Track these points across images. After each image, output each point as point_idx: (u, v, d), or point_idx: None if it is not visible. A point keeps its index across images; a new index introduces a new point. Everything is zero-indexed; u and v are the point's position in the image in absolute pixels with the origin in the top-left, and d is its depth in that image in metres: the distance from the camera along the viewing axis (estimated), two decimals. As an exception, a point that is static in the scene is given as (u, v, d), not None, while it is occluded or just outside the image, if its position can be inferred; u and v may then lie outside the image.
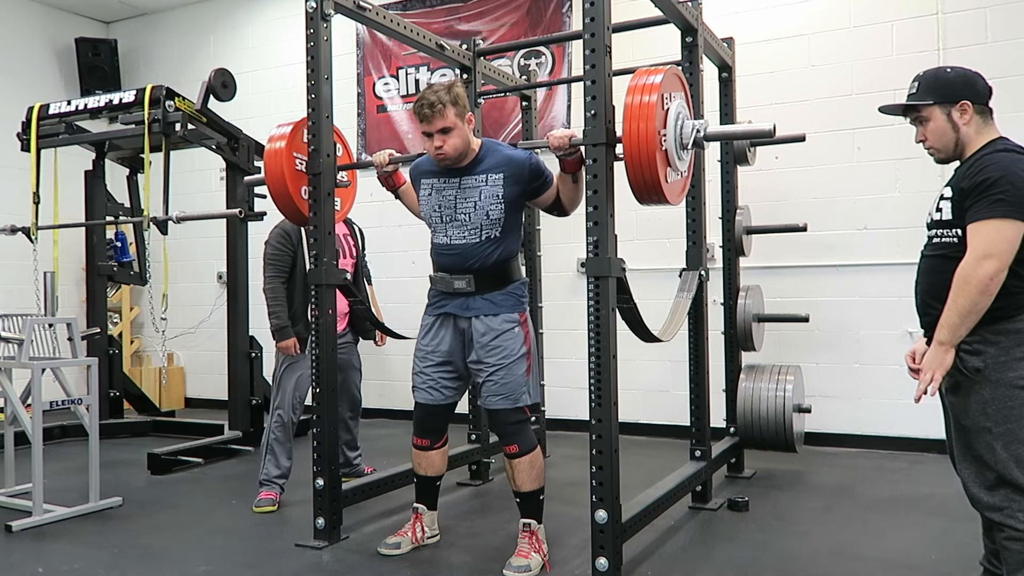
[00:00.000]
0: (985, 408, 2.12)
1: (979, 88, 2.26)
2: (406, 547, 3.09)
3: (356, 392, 4.12)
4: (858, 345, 4.89)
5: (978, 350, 2.14)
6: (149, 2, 7.39)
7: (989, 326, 2.12)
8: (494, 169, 2.91)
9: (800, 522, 3.42)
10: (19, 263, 6.15)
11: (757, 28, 5.13)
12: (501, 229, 2.91)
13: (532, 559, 2.85)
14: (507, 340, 2.91)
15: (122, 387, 5.96)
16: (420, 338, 3.11)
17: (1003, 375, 2.10)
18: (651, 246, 5.28)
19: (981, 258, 2.05)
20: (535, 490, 2.94)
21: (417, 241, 6.12)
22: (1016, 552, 2.10)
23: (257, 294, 5.53)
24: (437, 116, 2.81)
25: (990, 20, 4.61)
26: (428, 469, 3.12)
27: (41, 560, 3.06)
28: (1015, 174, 2.08)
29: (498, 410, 2.92)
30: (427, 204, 3.04)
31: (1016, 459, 2.09)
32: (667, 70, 2.66)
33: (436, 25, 6.08)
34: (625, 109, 2.57)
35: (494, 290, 2.94)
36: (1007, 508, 2.11)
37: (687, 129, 2.72)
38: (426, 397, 3.06)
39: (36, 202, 5.28)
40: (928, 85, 2.28)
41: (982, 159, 2.17)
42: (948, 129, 2.26)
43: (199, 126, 4.98)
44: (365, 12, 3.42)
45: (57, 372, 3.75)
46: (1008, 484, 2.10)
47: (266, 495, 3.78)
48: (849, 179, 4.91)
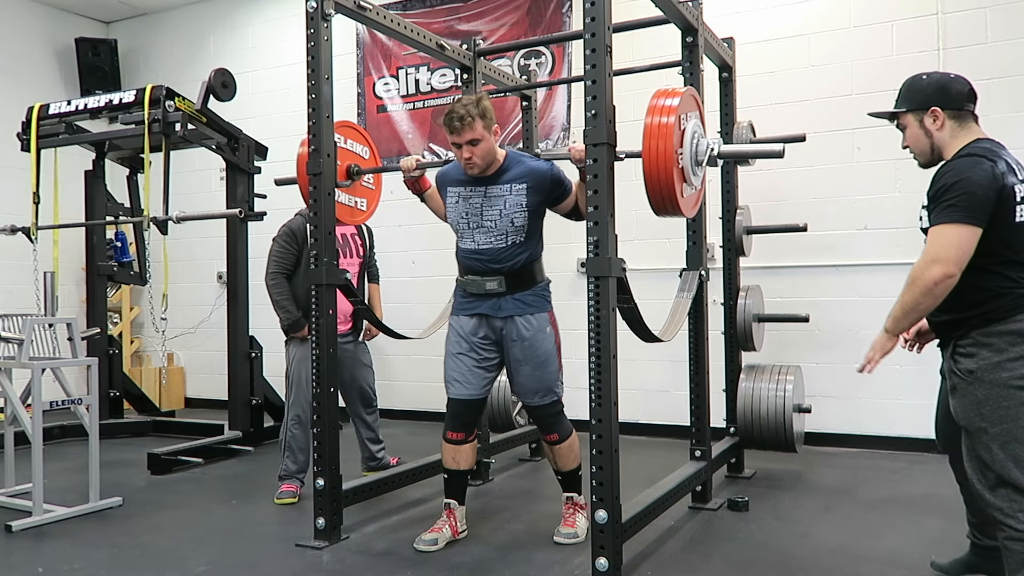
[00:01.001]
0: (980, 409, 2.15)
1: (951, 94, 2.30)
2: (443, 543, 3.14)
3: (367, 388, 4.17)
4: (858, 345, 4.88)
5: (971, 352, 2.17)
6: (149, 2, 7.39)
7: (981, 328, 2.16)
8: (518, 179, 3.10)
9: (800, 522, 3.42)
10: (19, 263, 6.15)
11: (757, 28, 5.13)
12: (525, 235, 3.11)
13: (579, 527, 3.16)
14: (541, 340, 3.14)
15: (122, 387, 5.95)
16: (451, 337, 3.25)
17: (997, 376, 2.13)
18: (651, 246, 5.28)
19: (929, 262, 2.12)
20: (575, 468, 3.23)
21: (416, 241, 6.12)
22: (1017, 552, 2.11)
23: (257, 294, 5.55)
24: (466, 128, 2.98)
25: (990, 20, 4.61)
26: (461, 463, 3.21)
27: (41, 560, 3.06)
28: (968, 179, 2.12)
29: (537, 406, 3.16)
30: (454, 211, 3.21)
31: (1014, 459, 2.11)
32: (684, 92, 2.78)
33: (436, 25, 6.08)
34: (645, 129, 2.68)
35: (523, 290, 3.14)
36: (1007, 508, 2.12)
37: (702, 147, 2.86)
38: (461, 392, 3.19)
39: (36, 202, 5.28)
40: (904, 93, 2.38)
41: (944, 165, 2.24)
42: (922, 135, 2.33)
43: (199, 126, 4.98)
44: (365, 12, 3.43)
45: (57, 372, 3.75)
46: (1007, 484, 2.12)
47: (287, 487, 3.84)
48: (849, 179, 4.91)
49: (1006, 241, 2.15)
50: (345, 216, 3.55)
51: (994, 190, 2.11)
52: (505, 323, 3.13)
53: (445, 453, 3.21)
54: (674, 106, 2.69)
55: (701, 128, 2.92)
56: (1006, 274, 2.15)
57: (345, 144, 3.56)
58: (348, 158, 3.57)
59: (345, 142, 3.57)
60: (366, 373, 4.16)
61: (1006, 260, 2.15)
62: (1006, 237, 2.15)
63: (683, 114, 2.75)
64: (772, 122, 4.74)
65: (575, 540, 3.09)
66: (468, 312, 3.20)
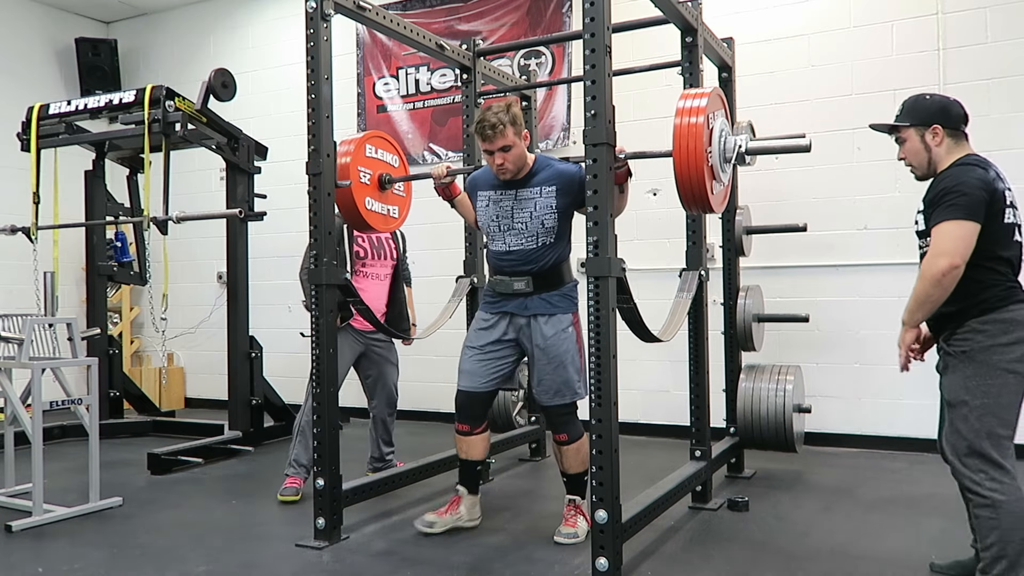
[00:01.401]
0: (966, 383, 2.38)
1: (951, 115, 2.54)
2: (440, 527, 3.27)
3: (393, 389, 4.20)
4: (858, 345, 4.89)
5: (967, 337, 2.40)
6: (149, 2, 7.39)
7: (977, 318, 2.39)
8: (547, 182, 3.19)
9: (800, 522, 3.42)
10: (19, 263, 6.15)
11: (757, 28, 5.13)
12: (555, 236, 3.19)
13: (579, 527, 3.17)
14: (562, 341, 3.19)
15: (122, 387, 5.95)
16: (473, 329, 3.38)
17: (988, 357, 2.36)
18: (651, 246, 5.28)
19: (936, 256, 2.34)
20: (581, 472, 3.24)
21: (416, 241, 6.11)
22: (985, 519, 2.34)
23: (257, 294, 5.57)
24: (498, 136, 3.09)
25: (990, 20, 4.61)
26: (469, 453, 3.34)
27: (41, 560, 3.06)
28: (965, 182, 2.36)
29: (550, 404, 3.22)
30: (485, 215, 3.31)
31: (988, 432, 2.34)
32: (711, 92, 2.83)
33: (436, 25, 6.08)
34: (675, 130, 2.73)
35: (550, 290, 3.21)
36: (977, 477, 2.35)
37: (729, 145, 2.91)
38: (466, 383, 3.31)
39: (36, 202, 5.28)
40: (908, 109, 2.59)
41: (942, 173, 2.48)
42: (921, 149, 2.55)
43: (199, 126, 4.98)
44: (365, 12, 3.43)
45: (57, 372, 3.75)
46: (978, 454, 2.35)
47: (291, 483, 3.84)
48: (849, 179, 4.91)
49: (995, 239, 2.39)
50: (379, 224, 3.66)
51: (987, 192, 2.36)
52: (529, 321, 3.22)
53: (457, 443, 3.37)
54: (702, 106, 2.75)
55: (728, 127, 2.97)
56: (995, 268, 2.40)
57: (376, 154, 3.67)
58: (379, 167, 3.68)
59: (376, 152, 3.68)
60: (393, 373, 4.19)
61: (995, 256, 2.39)
62: (995, 236, 2.38)
63: (711, 113, 2.80)
64: (772, 122, 4.73)
65: (575, 540, 3.11)
66: (494, 309, 3.31)
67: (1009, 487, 2.32)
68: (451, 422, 3.41)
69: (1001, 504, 2.30)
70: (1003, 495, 2.31)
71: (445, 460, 3.95)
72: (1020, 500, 2.31)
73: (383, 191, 3.68)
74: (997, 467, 2.33)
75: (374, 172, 3.64)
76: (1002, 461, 2.33)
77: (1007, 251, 2.42)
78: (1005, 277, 2.40)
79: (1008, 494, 2.31)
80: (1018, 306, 2.38)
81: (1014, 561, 2.29)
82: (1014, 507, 2.30)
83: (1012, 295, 2.39)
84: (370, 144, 3.65)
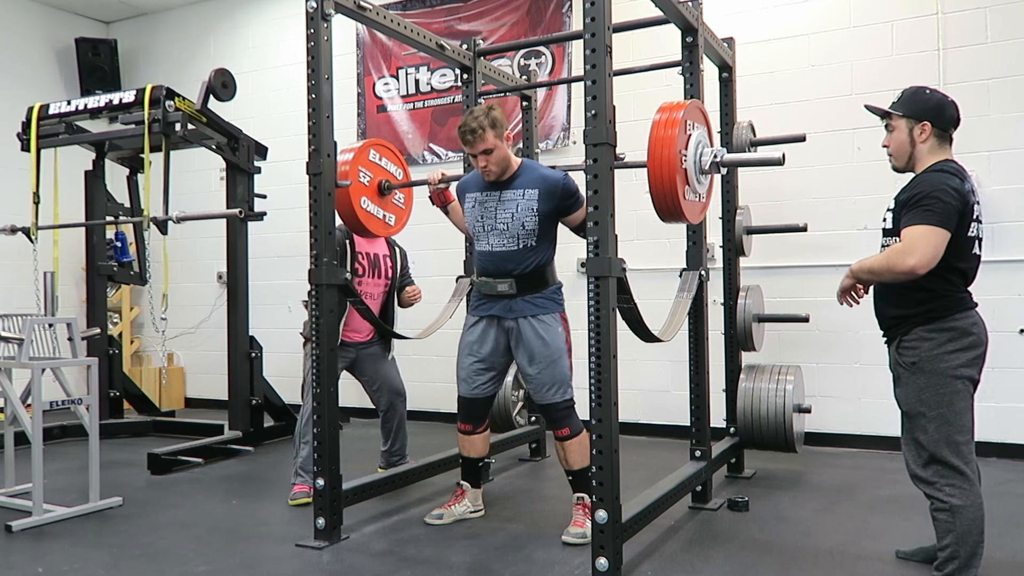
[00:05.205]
0: (920, 395, 2.48)
1: (944, 116, 2.55)
2: (448, 519, 3.43)
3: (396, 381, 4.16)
4: (858, 345, 4.89)
5: (914, 346, 2.49)
6: (149, 2, 7.39)
7: (924, 326, 2.47)
8: (530, 185, 3.26)
9: (800, 522, 3.42)
10: (19, 263, 6.15)
11: (757, 28, 5.13)
12: (536, 239, 3.26)
13: (588, 527, 3.06)
14: (552, 337, 3.26)
15: (122, 387, 5.95)
16: (464, 336, 3.46)
17: (936, 366, 2.44)
18: (651, 246, 5.28)
19: (906, 253, 2.37)
20: (585, 467, 3.22)
21: (416, 241, 6.11)
22: (942, 521, 2.44)
23: (257, 294, 5.57)
24: (479, 140, 3.18)
25: (990, 20, 4.61)
26: (471, 451, 3.49)
27: (41, 560, 3.06)
28: (942, 189, 2.39)
29: (549, 402, 3.27)
30: (471, 215, 3.39)
31: (946, 439, 2.43)
32: (688, 104, 2.84)
33: (436, 25, 6.08)
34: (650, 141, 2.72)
35: (534, 292, 3.27)
36: (936, 483, 2.45)
37: (706, 156, 2.92)
38: (464, 390, 3.43)
39: (36, 202, 5.28)
40: (905, 99, 2.60)
41: (919, 176, 2.52)
42: (907, 142, 2.57)
43: (199, 126, 4.98)
44: (365, 12, 3.43)
45: (57, 372, 3.75)
46: (938, 461, 2.45)
47: (300, 488, 3.81)
48: (849, 179, 4.91)
49: (956, 251, 2.42)
50: (373, 227, 3.71)
51: (961, 203, 2.40)
52: (516, 323, 3.28)
53: (459, 441, 3.50)
54: (678, 119, 2.75)
55: (707, 139, 2.99)
56: (949, 278, 2.45)
57: (379, 161, 3.74)
58: (381, 174, 3.75)
59: (380, 159, 3.75)
60: (392, 368, 4.18)
61: (952, 267, 2.43)
62: (957, 247, 2.42)
63: (689, 120, 2.81)
64: (772, 122, 4.74)
65: (584, 540, 3.06)
66: (480, 313, 3.38)
67: (968, 492, 2.41)
68: (451, 422, 3.43)
69: (958, 509, 2.41)
70: (960, 500, 2.41)
71: (445, 460, 3.95)
72: (977, 506, 2.41)
73: (382, 197, 3.73)
74: (958, 473, 2.43)
75: (374, 176, 3.69)
76: (963, 466, 2.43)
77: (963, 263, 2.47)
78: (955, 288, 2.47)
79: (965, 499, 2.41)
80: (964, 315, 2.46)
81: (965, 563, 2.41)
82: (970, 512, 2.40)
83: (959, 304, 2.47)
84: (375, 150, 3.74)
